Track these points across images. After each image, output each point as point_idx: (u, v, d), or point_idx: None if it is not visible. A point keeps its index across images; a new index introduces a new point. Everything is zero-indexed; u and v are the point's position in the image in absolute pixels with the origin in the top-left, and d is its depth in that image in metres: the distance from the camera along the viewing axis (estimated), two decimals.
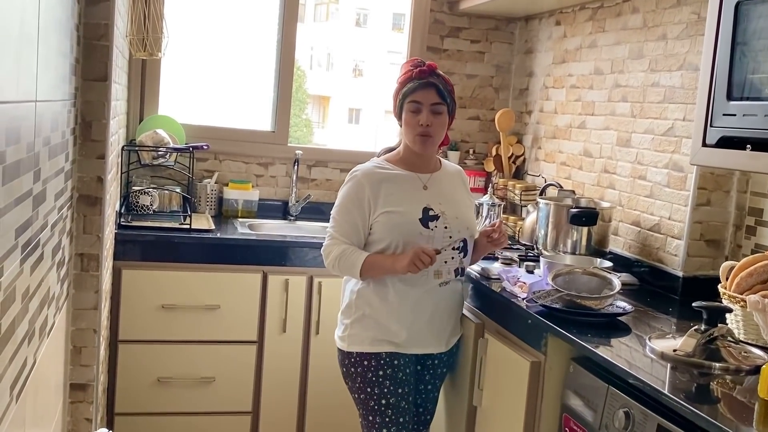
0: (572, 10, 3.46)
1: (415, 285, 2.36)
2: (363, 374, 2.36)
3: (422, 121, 2.33)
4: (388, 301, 2.36)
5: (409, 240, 2.32)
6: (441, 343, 2.47)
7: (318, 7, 14.64)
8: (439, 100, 2.35)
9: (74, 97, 2.13)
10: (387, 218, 2.32)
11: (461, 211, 2.43)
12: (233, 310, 3.25)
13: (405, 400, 2.37)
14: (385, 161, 2.45)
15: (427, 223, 2.34)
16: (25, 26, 1.40)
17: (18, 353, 1.44)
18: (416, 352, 2.42)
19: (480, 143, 4.11)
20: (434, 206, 2.37)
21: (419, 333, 2.39)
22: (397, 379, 2.36)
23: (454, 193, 2.46)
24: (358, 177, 2.39)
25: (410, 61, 2.43)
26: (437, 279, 2.38)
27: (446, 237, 2.35)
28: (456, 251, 2.39)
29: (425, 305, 2.38)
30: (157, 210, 3.42)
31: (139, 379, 3.19)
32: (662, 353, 1.93)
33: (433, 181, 2.43)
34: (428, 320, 2.40)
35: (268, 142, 3.85)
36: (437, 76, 2.38)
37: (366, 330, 2.38)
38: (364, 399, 2.37)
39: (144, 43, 3.20)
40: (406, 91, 2.36)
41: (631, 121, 2.98)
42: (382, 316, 2.37)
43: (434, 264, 2.27)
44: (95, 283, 2.34)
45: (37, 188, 1.58)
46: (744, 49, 1.90)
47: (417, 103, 2.34)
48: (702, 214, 2.61)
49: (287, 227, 3.74)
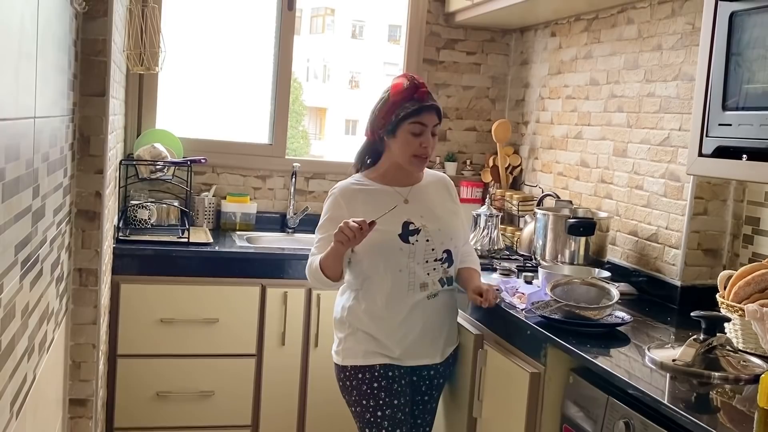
0: (567, 22, 3.47)
1: (404, 300, 2.34)
2: (358, 387, 2.36)
3: (425, 144, 2.33)
4: (377, 317, 2.35)
5: (390, 257, 2.30)
6: (436, 355, 2.45)
7: (314, 19, 14.70)
8: (438, 122, 2.36)
9: (72, 112, 2.13)
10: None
11: (444, 222, 2.41)
12: (232, 323, 3.25)
13: (401, 412, 2.36)
14: (364, 177, 2.42)
15: (408, 237, 2.32)
16: (24, 43, 1.41)
17: (18, 369, 1.44)
18: (411, 364, 2.41)
19: (477, 154, 4.12)
20: (415, 220, 2.34)
21: (413, 347, 2.38)
22: (392, 390, 2.35)
23: (436, 204, 2.43)
24: (336, 195, 2.38)
25: (406, 76, 2.38)
26: (424, 291, 2.36)
27: (428, 250, 2.34)
28: (439, 262, 2.37)
29: (416, 319, 2.36)
30: (155, 224, 3.42)
31: (138, 394, 3.18)
32: (661, 363, 1.93)
33: (413, 194, 2.41)
34: (420, 333, 2.38)
35: (265, 155, 3.86)
36: (431, 96, 2.37)
37: (359, 343, 2.37)
38: (360, 412, 2.37)
39: (141, 57, 3.21)
40: (411, 111, 2.31)
41: (627, 131, 2.99)
42: (373, 331, 2.36)
43: (366, 235, 2.17)
44: (94, 298, 2.34)
45: (36, 204, 1.58)
46: (739, 59, 1.91)
47: (422, 125, 2.32)
48: (699, 224, 2.62)
49: (285, 240, 3.74)
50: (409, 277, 2.33)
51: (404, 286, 2.33)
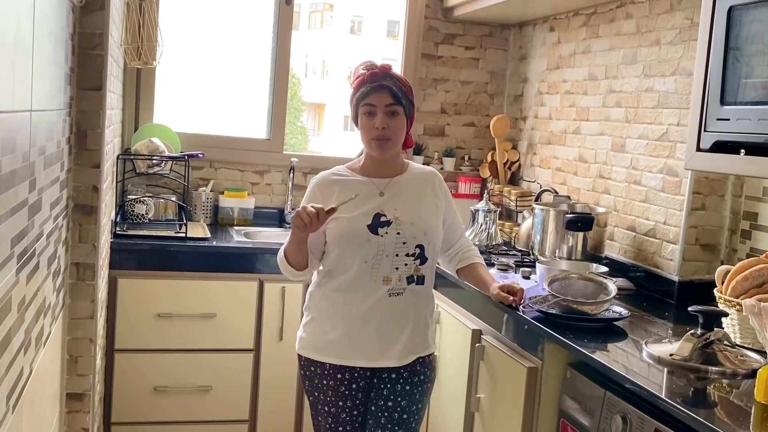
0: (566, 16, 3.47)
1: (363, 291, 2.27)
2: (310, 378, 2.34)
3: (377, 124, 2.25)
4: (337, 306, 2.29)
5: (358, 247, 2.24)
6: (391, 357, 2.28)
7: (313, 15, 14.69)
8: (393, 101, 2.26)
9: (69, 106, 2.13)
10: (334, 225, 2.26)
11: (420, 216, 2.32)
12: (229, 318, 3.25)
13: (347, 414, 2.30)
14: (346, 168, 2.38)
15: (377, 229, 2.25)
16: (20, 36, 1.41)
17: (14, 363, 1.44)
18: (364, 365, 2.29)
19: (475, 149, 4.12)
20: (387, 212, 2.27)
21: (365, 342, 2.28)
22: (339, 392, 2.29)
23: (414, 198, 2.35)
24: (313, 185, 2.35)
25: (362, 64, 2.33)
26: (386, 285, 2.26)
27: (399, 243, 2.26)
28: (411, 258, 2.28)
29: (373, 314, 2.27)
30: (152, 219, 3.41)
31: (135, 388, 3.18)
32: (659, 358, 1.93)
33: (391, 187, 2.34)
34: (375, 331, 2.27)
35: (263, 150, 3.86)
36: (390, 78, 2.29)
37: (313, 336, 2.33)
38: (312, 401, 2.37)
39: (139, 51, 3.20)
40: (360, 95, 2.28)
41: (625, 127, 2.99)
42: (328, 321, 2.30)
43: (324, 221, 2.16)
44: (91, 293, 2.34)
45: (33, 198, 1.58)
46: (737, 53, 1.91)
47: (371, 106, 2.26)
48: (697, 219, 2.62)
49: (283, 235, 3.71)
50: (373, 269, 2.25)
51: (366, 276, 2.25)
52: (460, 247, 2.50)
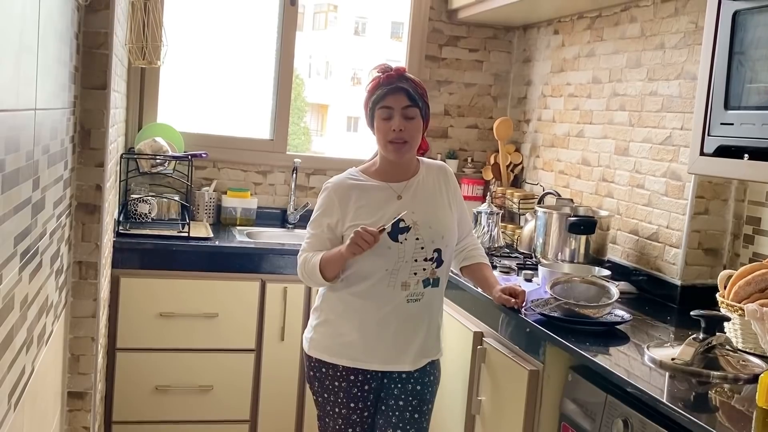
0: (570, 19, 3.47)
1: (382, 297, 2.26)
2: (321, 380, 2.32)
3: (394, 126, 2.23)
4: (353, 309, 2.28)
5: (379, 256, 2.23)
6: (405, 362, 2.30)
7: (317, 16, 14.68)
8: (410, 103, 2.25)
9: (73, 105, 2.13)
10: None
11: (437, 217, 2.32)
12: (231, 318, 3.25)
13: (357, 415, 2.30)
14: (360, 172, 2.35)
15: (397, 236, 2.24)
16: (25, 35, 1.41)
17: (16, 361, 1.44)
18: (377, 368, 2.30)
19: (478, 152, 4.12)
20: (406, 217, 2.25)
21: (381, 347, 2.28)
22: (351, 394, 2.29)
23: (431, 198, 2.35)
24: (329, 190, 2.33)
25: (377, 67, 2.32)
26: (405, 291, 2.26)
27: (418, 249, 2.25)
28: (429, 262, 2.28)
29: (390, 320, 2.27)
30: (155, 218, 3.42)
31: (136, 388, 3.18)
32: (660, 362, 1.93)
33: (408, 189, 2.32)
34: (392, 337, 2.28)
35: (266, 150, 3.86)
36: (406, 80, 2.28)
37: (327, 337, 2.31)
38: (321, 402, 2.35)
39: (143, 51, 3.20)
40: (376, 98, 2.26)
41: (629, 130, 2.98)
42: (344, 324, 2.29)
43: (378, 243, 2.16)
44: (93, 291, 2.34)
45: (36, 196, 1.58)
46: (741, 58, 1.91)
47: (388, 108, 2.24)
48: (700, 223, 2.61)
49: (286, 235, 3.73)
50: (392, 276, 2.25)
51: (385, 283, 2.25)
52: (466, 245, 2.49)
